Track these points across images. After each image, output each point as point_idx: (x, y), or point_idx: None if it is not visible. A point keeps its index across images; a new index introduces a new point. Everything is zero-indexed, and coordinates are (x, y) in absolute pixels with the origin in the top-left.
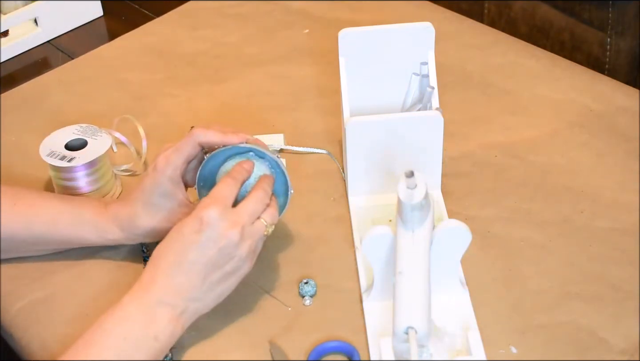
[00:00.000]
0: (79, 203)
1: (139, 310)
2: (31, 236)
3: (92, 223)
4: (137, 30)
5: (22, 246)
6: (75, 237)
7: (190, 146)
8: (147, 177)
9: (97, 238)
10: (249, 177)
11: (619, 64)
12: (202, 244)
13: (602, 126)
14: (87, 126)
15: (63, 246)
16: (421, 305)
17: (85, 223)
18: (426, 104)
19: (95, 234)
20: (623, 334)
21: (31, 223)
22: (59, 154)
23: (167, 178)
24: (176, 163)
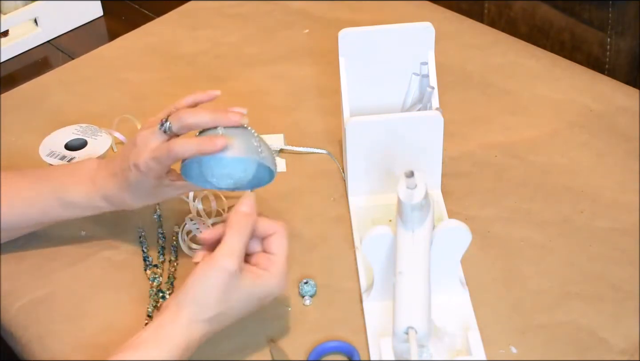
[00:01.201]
0: (44, 171)
1: (180, 350)
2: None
3: (56, 197)
4: (137, 30)
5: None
6: (41, 213)
7: (171, 160)
8: (131, 173)
9: (64, 210)
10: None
11: (619, 64)
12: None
13: (602, 126)
14: (87, 126)
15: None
16: (421, 305)
17: (48, 197)
18: (426, 104)
19: (61, 207)
20: (623, 334)
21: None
22: (58, 154)
23: (151, 178)
24: (157, 171)
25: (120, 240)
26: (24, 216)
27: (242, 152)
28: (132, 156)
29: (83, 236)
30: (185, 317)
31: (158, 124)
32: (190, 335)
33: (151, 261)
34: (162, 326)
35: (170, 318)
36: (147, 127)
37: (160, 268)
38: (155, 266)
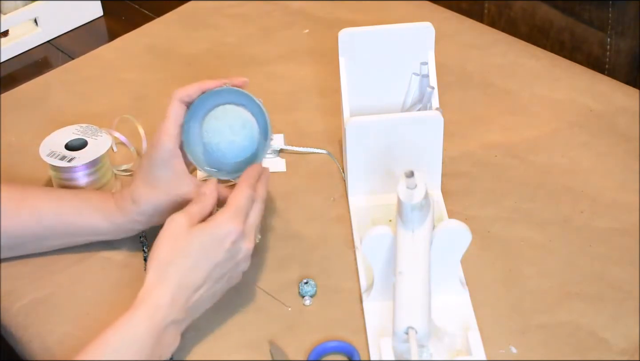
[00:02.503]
0: (84, 192)
1: (151, 334)
2: (41, 228)
3: (99, 208)
4: (137, 30)
5: (32, 241)
6: (84, 224)
7: (175, 108)
8: (145, 155)
9: (105, 222)
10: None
11: (619, 64)
12: (222, 261)
13: (602, 126)
14: (87, 126)
15: (72, 239)
16: (421, 305)
17: (92, 209)
18: (426, 104)
19: (103, 218)
20: (623, 334)
21: (40, 215)
22: (59, 154)
23: (163, 147)
24: (169, 130)
25: (120, 240)
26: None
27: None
28: (154, 137)
29: None
30: (149, 280)
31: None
32: (158, 302)
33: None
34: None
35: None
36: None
37: None
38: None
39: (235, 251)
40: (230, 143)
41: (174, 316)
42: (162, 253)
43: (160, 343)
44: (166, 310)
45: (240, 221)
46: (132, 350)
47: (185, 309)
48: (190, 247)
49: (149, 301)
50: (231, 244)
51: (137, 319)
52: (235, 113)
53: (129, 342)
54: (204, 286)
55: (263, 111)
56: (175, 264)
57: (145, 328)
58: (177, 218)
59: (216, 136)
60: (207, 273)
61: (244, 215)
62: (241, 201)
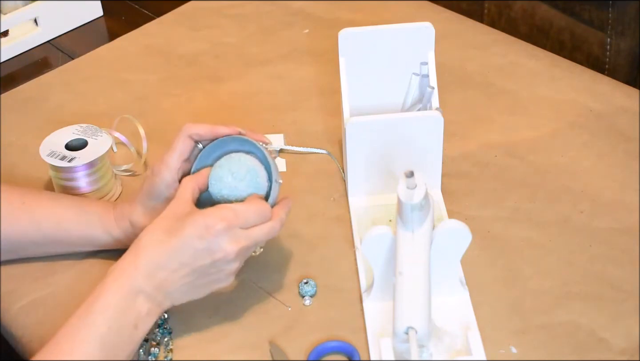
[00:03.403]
0: (86, 202)
1: (122, 298)
2: (40, 235)
3: (99, 221)
4: (137, 30)
5: (31, 247)
6: (84, 235)
7: (182, 142)
8: (146, 180)
9: (104, 235)
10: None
11: (619, 64)
12: (199, 251)
13: (602, 126)
14: (87, 126)
15: (71, 248)
16: (421, 305)
17: (92, 221)
18: (426, 104)
19: (102, 231)
20: (623, 334)
21: (40, 222)
22: (59, 154)
23: (162, 180)
24: (170, 163)
25: None
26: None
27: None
28: (156, 166)
29: None
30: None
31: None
32: (135, 264)
33: None
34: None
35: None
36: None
37: None
38: None
39: (214, 246)
40: (232, 190)
41: (141, 284)
42: (155, 224)
43: (132, 311)
44: (133, 277)
45: (229, 219)
46: (104, 317)
47: (154, 285)
48: (171, 226)
49: (118, 269)
50: (214, 237)
51: (106, 286)
52: (239, 161)
53: (101, 310)
54: (182, 271)
55: (267, 157)
56: (154, 243)
57: (114, 293)
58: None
59: (218, 183)
60: (182, 260)
61: (240, 220)
62: (245, 209)
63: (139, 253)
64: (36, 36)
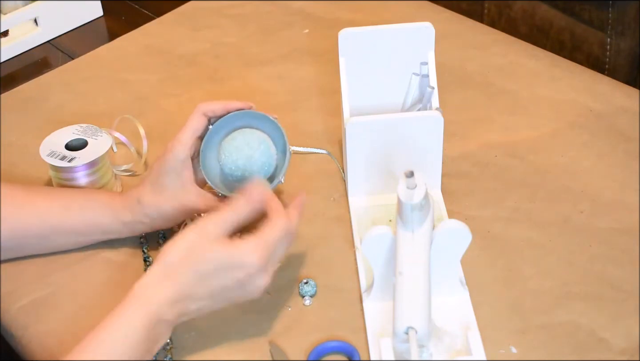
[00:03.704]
0: (91, 190)
1: (148, 332)
2: (45, 227)
3: (105, 205)
4: (137, 30)
5: (36, 241)
6: (90, 222)
7: (196, 120)
8: (158, 159)
9: (111, 219)
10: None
11: (619, 64)
12: (232, 284)
13: (602, 126)
14: (87, 126)
15: (77, 238)
16: (421, 305)
17: (98, 206)
18: (426, 104)
19: (110, 216)
20: (623, 334)
21: (45, 213)
22: (59, 154)
23: (175, 156)
24: (184, 140)
25: (120, 240)
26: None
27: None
28: (170, 143)
29: None
30: (153, 274)
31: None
32: (158, 296)
33: (151, 262)
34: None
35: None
36: None
37: None
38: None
39: (247, 283)
40: (248, 159)
41: (170, 318)
42: (175, 253)
43: (154, 341)
44: (164, 308)
45: (264, 256)
46: (125, 344)
47: (179, 314)
48: (205, 261)
49: (147, 294)
50: (246, 276)
51: (134, 314)
52: (251, 133)
53: (124, 337)
54: (204, 301)
55: (279, 128)
56: (185, 270)
57: (142, 325)
58: (203, 225)
59: (233, 154)
60: (211, 291)
61: (272, 251)
62: (274, 236)
63: (167, 279)
64: (36, 36)
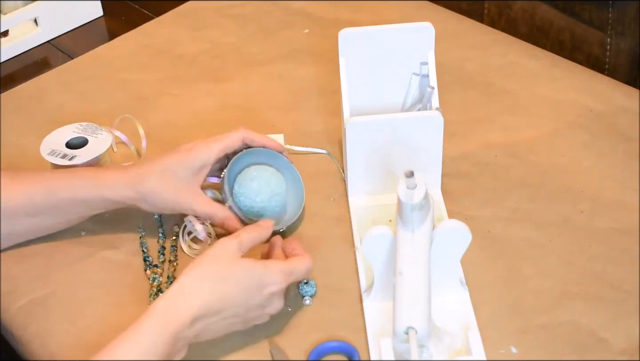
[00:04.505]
0: (76, 168)
1: (167, 343)
2: (32, 206)
3: (89, 180)
4: (137, 30)
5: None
6: (75, 199)
7: (233, 140)
8: (177, 154)
9: (95, 195)
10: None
11: (619, 64)
12: (252, 305)
13: (602, 126)
14: (88, 124)
15: (65, 217)
16: (421, 305)
17: (81, 182)
18: (426, 104)
19: (94, 191)
20: (623, 334)
21: (30, 192)
22: (60, 152)
23: (200, 157)
24: (215, 149)
25: (120, 240)
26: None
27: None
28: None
29: (83, 236)
30: (179, 287)
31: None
32: (181, 312)
33: (151, 261)
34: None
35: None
36: None
37: (160, 268)
38: (155, 266)
39: (267, 303)
40: (267, 202)
41: (191, 338)
42: (203, 268)
43: (169, 353)
44: (185, 333)
45: (288, 279)
46: (148, 354)
47: (198, 332)
48: (233, 275)
49: (171, 317)
50: (269, 294)
51: (155, 330)
52: (276, 177)
53: (144, 353)
54: (223, 315)
55: (299, 178)
56: (211, 284)
57: (163, 343)
58: (229, 242)
59: (257, 196)
60: (235, 306)
61: (293, 278)
62: (300, 268)
63: (191, 297)
64: (36, 36)
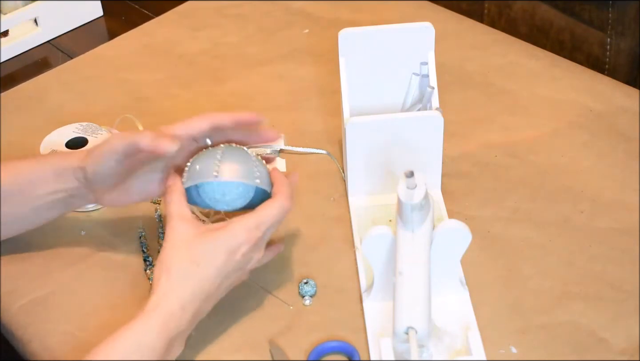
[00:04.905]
0: (46, 156)
1: (163, 342)
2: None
3: (53, 161)
4: (137, 29)
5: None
6: (30, 170)
7: (199, 122)
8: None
9: (52, 172)
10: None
11: (619, 64)
12: (233, 270)
13: (602, 126)
14: (88, 124)
15: (29, 203)
16: (421, 305)
17: (46, 162)
18: (426, 104)
19: (51, 169)
20: (623, 334)
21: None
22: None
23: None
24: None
25: (120, 240)
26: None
27: (239, 177)
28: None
29: (83, 236)
30: (162, 286)
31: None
32: (170, 302)
33: (151, 261)
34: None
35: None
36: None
37: None
38: (155, 266)
39: (245, 262)
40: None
41: (185, 327)
42: (174, 258)
43: (169, 352)
44: (178, 320)
45: (256, 233)
46: (142, 356)
47: (195, 319)
48: (203, 255)
49: (163, 308)
50: (242, 256)
51: (150, 325)
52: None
53: (140, 347)
54: (215, 295)
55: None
56: (185, 271)
57: (157, 334)
58: (182, 220)
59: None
60: (218, 283)
61: (265, 228)
62: (268, 216)
63: (176, 291)
64: (36, 36)
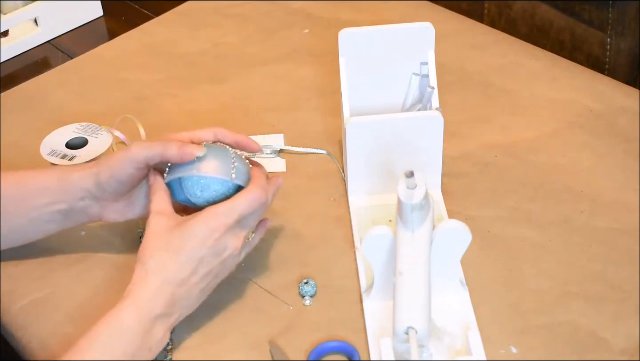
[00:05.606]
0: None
1: (139, 325)
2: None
3: (59, 170)
4: (137, 29)
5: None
6: (35, 180)
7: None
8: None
9: (57, 181)
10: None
11: (619, 64)
12: (207, 256)
13: (602, 126)
14: (88, 125)
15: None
16: (421, 305)
17: (51, 171)
18: (426, 104)
19: (56, 178)
20: (623, 334)
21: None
22: (59, 152)
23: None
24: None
25: (120, 240)
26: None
27: (217, 173)
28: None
29: (83, 236)
30: (135, 275)
31: None
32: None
33: None
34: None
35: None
36: None
37: None
38: None
39: (220, 248)
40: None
41: (160, 310)
42: (147, 250)
43: (149, 336)
44: (151, 303)
45: (227, 221)
46: (121, 341)
47: (171, 303)
48: (175, 243)
49: (135, 294)
50: (215, 241)
51: (124, 311)
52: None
53: (118, 334)
54: (190, 281)
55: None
56: (156, 259)
57: (132, 319)
58: (159, 215)
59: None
60: (191, 268)
61: (237, 215)
62: (240, 203)
63: (149, 278)
64: (36, 36)
